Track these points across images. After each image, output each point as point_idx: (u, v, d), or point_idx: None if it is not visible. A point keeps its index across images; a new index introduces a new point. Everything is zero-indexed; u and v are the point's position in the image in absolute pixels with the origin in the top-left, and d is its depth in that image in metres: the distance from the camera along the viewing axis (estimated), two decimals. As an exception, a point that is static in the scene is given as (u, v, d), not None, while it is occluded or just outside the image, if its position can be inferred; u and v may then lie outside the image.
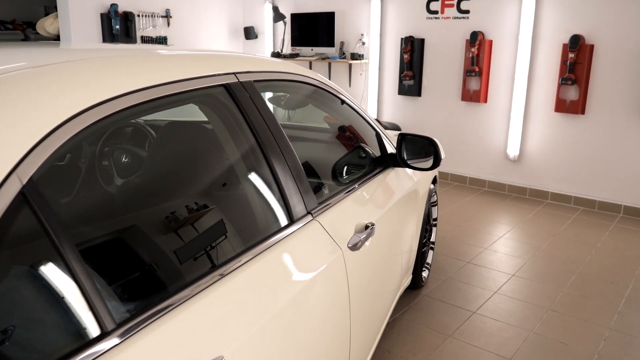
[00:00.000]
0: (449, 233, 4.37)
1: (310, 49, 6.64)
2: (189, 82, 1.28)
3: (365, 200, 2.15)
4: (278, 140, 1.53)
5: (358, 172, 2.38)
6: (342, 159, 2.38)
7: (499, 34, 5.27)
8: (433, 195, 3.42)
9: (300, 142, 2.56)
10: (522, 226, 4.58)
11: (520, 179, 5.42)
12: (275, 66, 1.75)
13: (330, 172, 2.26)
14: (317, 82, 2.00)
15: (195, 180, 1.46)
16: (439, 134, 5.87)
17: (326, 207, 1.72)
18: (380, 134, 2.50)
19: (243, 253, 1.29)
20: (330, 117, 2.88)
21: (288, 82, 1.85)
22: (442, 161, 2.40)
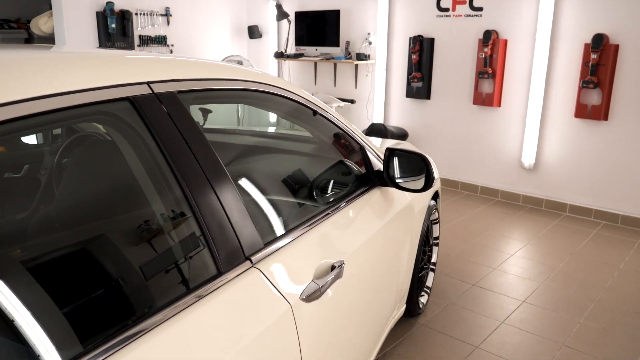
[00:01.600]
0: (454, 250, 4.00)
1: (315, 49, 6.32)
2: (69, 96, 0.97)
3: (341, 229, 1.82)
4: (206, 168, 1.22)
5: (337, 193, 2.05)
6: (317, 178, 2.06)
7: (514, 32, 4.88)
8: (434, 212, 3.07)
9: (266, 157, 2.23)
10: (536, 242, 4.19)
11: (536, 189, 5.03)
12: (219, 72, 1.43)
13: (300, 195, 1.93)
14: (281, 91, 1.68)
15: (87, 222, 1.15)
16: (449, 140, 5.50)
17: (278, 248, 1.40)
18: (365, 149, 2.17)
19: (137, 323, 0.98)
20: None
21: (238, 92, 1.52)
22: (434, 182, 2.06)
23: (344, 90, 6.33)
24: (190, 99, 1.31)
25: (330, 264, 1.55)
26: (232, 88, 1.47)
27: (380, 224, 2.11)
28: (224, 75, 1.43)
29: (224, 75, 1.43)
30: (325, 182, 2.08)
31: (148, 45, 6.16)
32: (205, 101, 1.71)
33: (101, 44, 5.75)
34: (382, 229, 2.11)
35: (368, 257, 1.92)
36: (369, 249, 1.94)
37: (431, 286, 3.22)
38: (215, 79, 1.39)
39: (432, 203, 3.01)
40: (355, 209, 1.99)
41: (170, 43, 6.39)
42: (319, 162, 2.19)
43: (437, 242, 3.30)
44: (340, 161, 2.19)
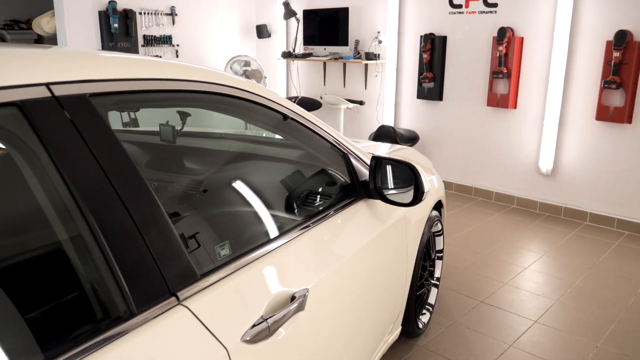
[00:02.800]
0: (464, 262, 3.74)
1: (323, 48, 6.09)
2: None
3: (311, 249, 1.60)
4: (120, 186, 1.00)
5: (312, 208, 1.83)
6: (288, 191, 1.84)
7: (531, 29, 4.59)
8: (436, 223, 2.82)
9: (229, 164, 2.01)
10: (553, 254, 3.90)
11: (554, 196, 4.72)
12: (153, 70, 1.21)
13: (266, 211, 1.72)
14: (241, 92, 1.46)
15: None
16: (462, 143, 5.23)
17: (221, 278, 1.19)
18: (349, 156, 1.94)
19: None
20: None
21: (183, 95, 1.31)
22: (425, 195, 1.82)
23: (354, 91, 6.10)
24: (109, 104, 1.10)
25: (289, 294, 1.33)
26: (175, 89, 1.26)
27: (365, 241, 1.88)
28: (160, 75, 1.21)
29: (160, 75, 1.21)
30: (298, 195, 1.86)
31: (153, 46, 6.02)
32: (137, 105, 1.50)
33: (104, 44, 5.63)
34: (366, 247, 1.87)
35: (345, 281, 1.69)
36: (347, 271, 1.71)
37: (434, 303, 2.96)
38: (149, 79, 1.18)
39: (434, 214, 2.76)
40: (334, 225, 1.76)
41: (176, 43, 6.24)
42: (292, 172, 1.97)
43: (441, 255, 3.04)
44: (318, 171, 1.97)
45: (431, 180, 2.79)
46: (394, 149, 2.96)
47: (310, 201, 1.89)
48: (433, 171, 2.94)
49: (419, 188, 1.80)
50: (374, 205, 1.99)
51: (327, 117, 6.48)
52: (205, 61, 6.57)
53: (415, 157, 2.95)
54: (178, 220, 1.38)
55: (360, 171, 1.98)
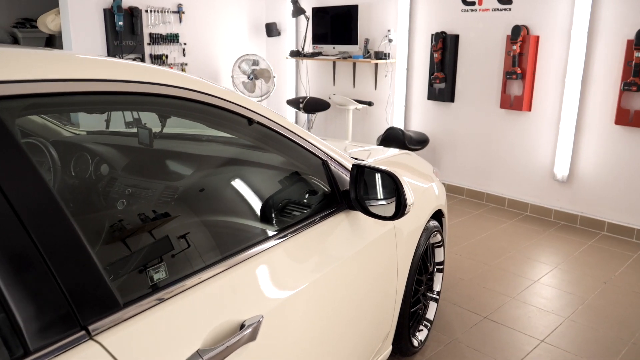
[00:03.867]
0: (469, 273, 3.54)
1: (333, 47, 5.92)
2: None
3: (275, 268, 1.44)
4: (18, 201, 0.86)
5: (284, 221, 1.67)
6: (256, 202, 1.69)
7: (546, 28, 4.35)
8: (435, 234, 2.63)
9: (185, 172, 1.85)
10: (566, 267, 3.67)
11: (570, 204, 4.48)
12: (79, 69, 1.06)
13: (228, 225, 1.56)
14: (193, 94, 1.30)
15: None
16: (474, 147, 5.01)
17: (151, 306, 1.03)
18: (328, 164, 1.77)
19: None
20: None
21: (118, 98, 1.15)
22: (408, 208, 1.65)
23: (363, 91, 5.92)
24: (18, 109, 0.95)
25: (238, 323, 1.17)
26: (108, 91, 1.10)
27: (344, 256, 1.71)
28: (89, 74, 1.06)
29: (89, 74, 1.06)
30: (270, 205, 1.70)
31: (159, 44, 5.92)
32: (60, 109, 1.35)
33: (109, 42, 5.54)
34: (345, 262, 1.70)
35: (315, 302, 1.52)
36: (318, 292, 1.54)
37: (433, 319, 2.78)
38: (75, 80, 1.03)
39: (433, 224, 2.58)
40: (307, 239, 1.60)
41: (183, 41, 6.13)
42: (266, 180, 1.80)
43: (442, 267, 2.85)
44: (294, 180, 1.81)
45: (430, 188, 2.61)
46: (392, 153, 2.78)
47: (284, 212, 1.73)
48: (432, 178, 2.75)
49: (402, 200, 1.63)
50: (356, 216, 1.82)
51: (335, 118, 6.31)
52: (213, 60, 6.46)
53: (414, 163, 2.77)
54: (107, 239, 1.23)
55: (342, 180, 1.81)
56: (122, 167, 1.86)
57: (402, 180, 1.64)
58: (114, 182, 1.73)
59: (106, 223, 1.36)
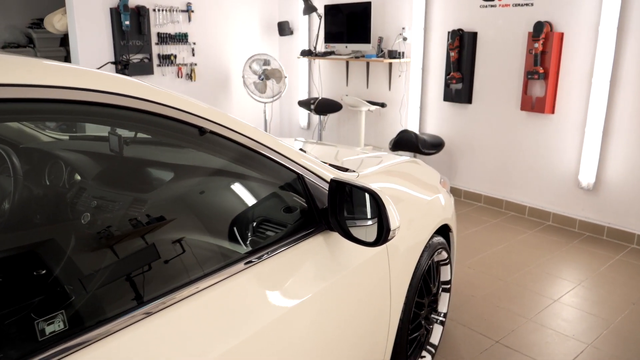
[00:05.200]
0: (482, 290, 3.26)
1: (345, 46, 5.68)
2: None
3: (245, 297, 1.22)
4: None
5: (250, 244, 1.45)
6: (236, 219, 1.47)
7: (572, 24, 4.04)
8: (439, 251, 2.37)
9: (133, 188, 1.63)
10: (590, 284, 3.36)
11: (596, 214, 4.15)
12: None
13: (182, 249, 1.34)
14: (130, 101, 1.09)
15: None
16: (493, 151, 4.71)
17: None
18: (304, 179, 1.54)
19: None
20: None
21: (39, 106, 0.95)
22: (393, 233, 1.41)
23: (377, 92, 5.66)
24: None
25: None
26: (21, 98, 0.90)
27: (321, 285, 1.48)
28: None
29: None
30: (238, 225, 1.48)
31: (167, 44, 5.77)
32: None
33: (115, 42, 5.41)
34: (323, 292, 1.47)
35: (287, 338, 1.30)
36: (290, 325, 1.32)
37: (438, 343, 2.52)
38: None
39: (438, 240, 2.32)
40: (280, 265, 1.39)
41: (192, 41, 5.97)
42: (232, 197, 1.58)
43: (448, 287, 2.60)
44: (266, 196, 1.58)
45: (434, 200, 2.36)
46: (396, 161, 2.52)
47: (256, 233, 1.51)
48: (439, 189, 2.50)
49: (384, 224, 1.39)
50: (338, 237, 1.59)
51: (348, 120, 6.07)
52: (223, 60, 6.28)
53: (418, 171, 2.51)
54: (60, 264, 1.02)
55: (323, 196, 1.58)
56: (91, 176, 1.66)
57: (386, 200, 1.40)
58: (82, 193, 1.53)
59: (61, 242, 1.17)
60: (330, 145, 3.03)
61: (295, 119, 6.81)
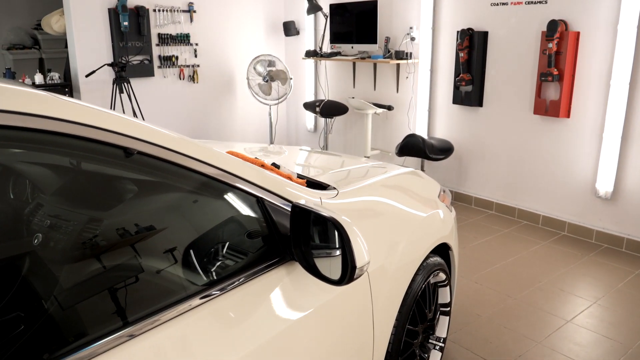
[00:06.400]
0: (489, 308, 3.03)
1: (351, 47, 5.47)
2: None
3: (193, 340, 1.04)
4: None
5: (220, 271, 1.26)
6: (190, 248, 1.28)
7: (588, 22, 3.78)
8: (436, 272, 2.15)
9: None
10: (607, 303, 3.11)
11: (615, 224, 3.88)
12: None
13: (146, 277, 1.16)
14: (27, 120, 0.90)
15: None
16: (505, 157, 4.47)
17: None
18: (265, 202, 1.34)
19: None
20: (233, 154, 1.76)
21: None
22: (359, 271, 1.20)
23: (384, 94, 5.44)
24: None
25: None
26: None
27: (286, 323, 1.29)
28: None
29: None
30: (192, 255, 1.29)
31: (168, 45, 5.62)
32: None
33: (114, 43, 5.28)
34: (288, 331, 1.28)
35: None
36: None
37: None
38: None
39: (434, 260, 2.11)
40: (239, 300, 1.20)
41: (194, 42, 5.82)
42: (190, 220, 1.38)
43: (448, 310, 2.38)
44: (226, 221, 1.39)
45: (431, 217, 2.14)
46: (392, 173, 2.31)
47: (213, 263, 1.32)
48: (437, 203, 2.28)
49: (348, 258, 1.19)
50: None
51: (355, 123, 5.86)
52: (227, 61, 6.12)
53: (414, 184, 2.30)
54: None
55: (288, 221, 1.38)
56: (49, 191, 1.48)
57: (352, 231, 1.20)
58: (37, 211, 1.35)
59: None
60: (335, 155, 2.81)
61: (301, 121, 6.62)
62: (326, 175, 2.22)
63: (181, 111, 5.91)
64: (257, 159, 1.71)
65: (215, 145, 2.79)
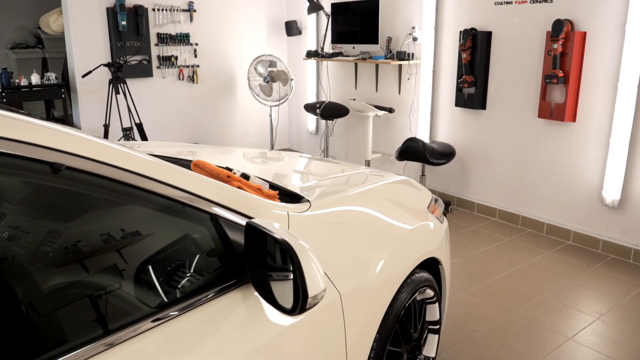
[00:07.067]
0: (485, 323, 2.89)
1: (352, 47, 5.34)
2: None
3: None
4: None
5: (172, 292, 1.15)
6: (142, 267, 1.17)
7: (595, 22, 3.61)
8: (423, 289, 2.02)
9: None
10: (612, 318, 2.95)
11: (622, 234, 3.71)
12: None
13: (96, 299, 1.05)
14: None
15: None
16: (508, 162, 4.31)
17: None
18: (219, 220, 1.23)
19: None
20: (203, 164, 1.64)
21: None
22: (311, 302, 1.08)
23: (386, 96, 5.31)
24: None
25: None
26: None
27: (241, 353, 1.17)
28: None
29: None
30: (144, 275, 1.17)
31: (168, 44, 5.54)
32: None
33: (112, 43, 5.20)
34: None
35: None
36: None
37: (422, 394, 2.17)
38: None
39: (421, 276, 1.98)
40: (191, 325, 1.09)
41: (194, 42, 5.73)
42: (145, 240, 1.26)
43: (437, 327, 2.24)
44: (179, 239, 1.27)
45: (417, 230, 2.01)
46: (381, 183, 2.18)
47: (167, 284, 1.20)
48: (426, 215, 2.15)
49: (299, 285, 1.06)
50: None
51: (357, 125, 5.73)
52: (228, 61, 6.02)
53: (402, 195, 2.17)
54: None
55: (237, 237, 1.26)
56: (15, 200, 1.38)
57: (306, 256, 1.07)
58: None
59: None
60: (332, 163, 2.66)
61: (303, 123, 6.50)
62: (308, 184, 2.09)
63: (180, 112, 5.82)
64: (223, 170, 1.59)
65: (209, 150, 2.68)
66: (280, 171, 2.40)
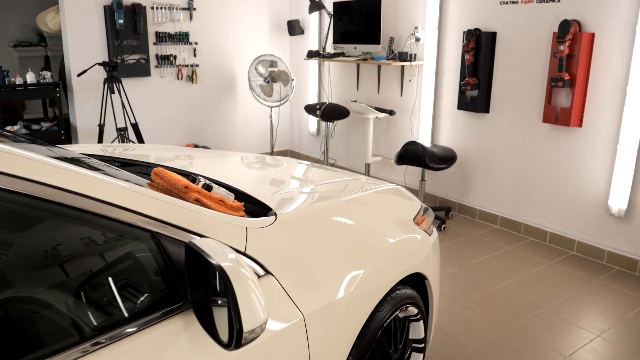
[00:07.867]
0: (478, 339, 2.74)
1: (354, 47, 5.21)
2: None
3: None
4: None
5: (112, 316, 1.04)
6: (80, 287, 1.06)
7: (604, 23, 3.45)
8: (405, 307, 1.89)
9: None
10: (614, 336, 2.79)
11: (628, 245, 3.54)
12: None
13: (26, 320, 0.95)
14: None
15: None
16: (511, 168, 4.16)
17: None
18: (161, 238, 1.11)
19: None
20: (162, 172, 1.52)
21: None
22: (248, 336, 0.96)
23: (388, 97, 5.17)
24: None
25: None
26: None
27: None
28: None
29: None
30: (79, 296, 1.06)
31: (166, 43, 5.45)
32: None
33: (109, 42, 5.12)
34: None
35: None
36: None
37: (405, 417, 2.04)
38: None
39: (404, 293, 1.85)
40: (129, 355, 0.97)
41: (194, 41, 5.63)
42: (84, 257, 1.15)
43: (422, 346, 2.11)
44: (122, 257, 1.16)
45: (400, 242, 1.88)
46: (370, 191, 2.05)
47: (106, 307, 1.09)
48: (412, 228, 2.02)
49: (234, 318, 0.94)
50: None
51: (358, 127, 5.60)
52: (228, 61, 5.92)
53: (388, 205, 2.05)
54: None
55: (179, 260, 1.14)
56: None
57: (244, 285, 0.95)
58: None
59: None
60: (328, 170, 2.53)
61: (304, 124, 6.38)
62: (283, 192, 1.97)
63: (179, 113, 5.73)
64: (182, 180, 1.47)
65: (207, 154, 2.57)
66: (261, 178, 2.28)
